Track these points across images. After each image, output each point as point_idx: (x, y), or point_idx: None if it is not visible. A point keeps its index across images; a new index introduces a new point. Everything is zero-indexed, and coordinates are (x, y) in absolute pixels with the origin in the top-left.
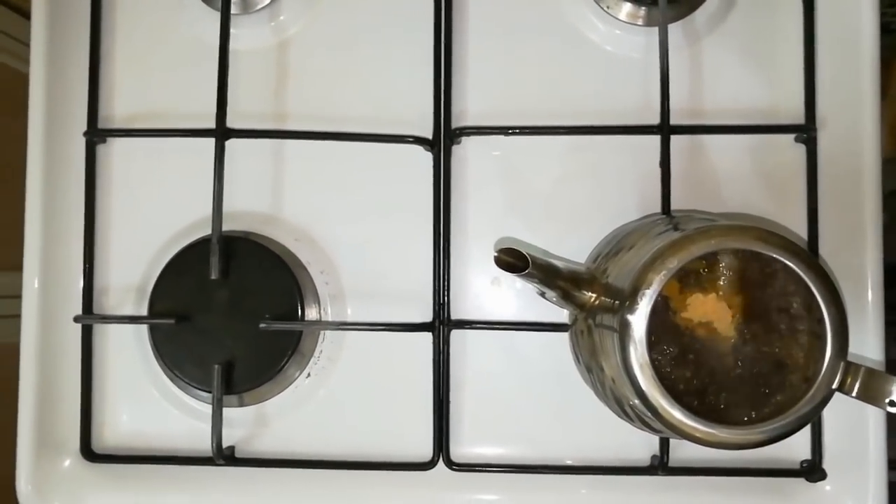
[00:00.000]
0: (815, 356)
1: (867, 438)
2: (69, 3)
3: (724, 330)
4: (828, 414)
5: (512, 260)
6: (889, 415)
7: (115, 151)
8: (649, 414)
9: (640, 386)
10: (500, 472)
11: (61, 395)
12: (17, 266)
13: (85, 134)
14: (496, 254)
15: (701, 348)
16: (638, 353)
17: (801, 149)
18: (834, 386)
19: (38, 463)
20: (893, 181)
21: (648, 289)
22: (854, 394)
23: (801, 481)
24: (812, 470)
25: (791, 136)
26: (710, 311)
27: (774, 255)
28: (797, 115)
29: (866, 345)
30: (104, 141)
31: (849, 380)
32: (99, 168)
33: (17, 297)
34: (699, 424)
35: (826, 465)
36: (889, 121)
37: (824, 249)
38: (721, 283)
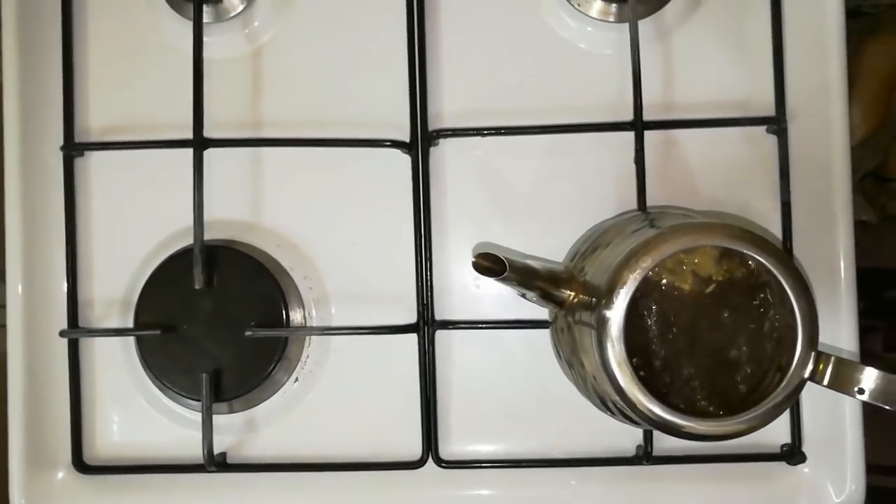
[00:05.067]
0: (788, 347)
1: (844, 421)
2: (39, 17)
3: (700, 324)
4: (806, 399)
5: (490, 264)
6: (871, 413)
7: (94, 164)
8: (628, 409)
9: (618, 382)
10: (489, 467)
11: (51, 409)
12: (3, 278)
13: (62, 149)
14: (474, 259)
15: (677, 343)
16: (615, 350)
17: (773, 140)
18: (805, 375)
19: (31, 476)
20: (868, 163)
21: (624, 287)
22: (825, 383)
23: (781, 465)
24: (792, 453)
25: (763, 128)
26: (686, 306)
27: (745, 252)
28: (768, 107)
29: (840, 335)
30: (81, 154)
31: (820, 369)
32: (77, 182)
33: (2, 307)
34: (677, 418)
35: (805, 449)
36: (863, 102)
37: (797, 239)
38: (695, 278)
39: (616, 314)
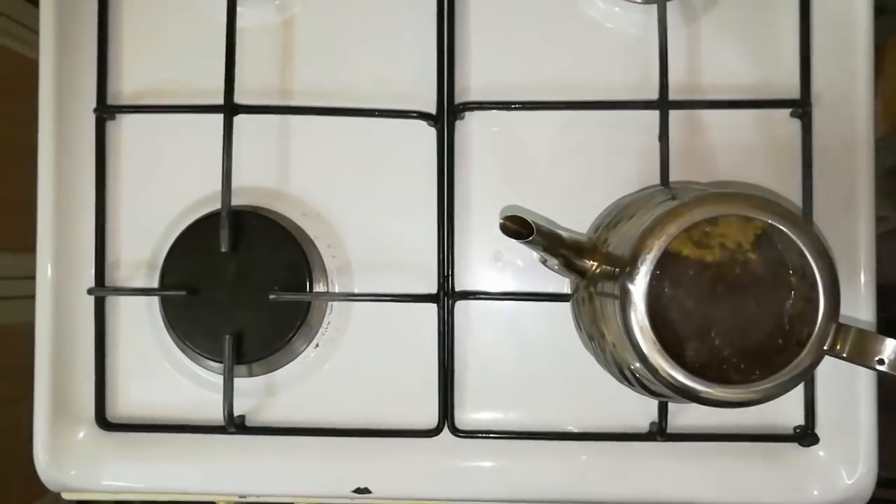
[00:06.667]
0: (808, 319)
1: (858, 405)
2: None
3: (721, 295)
4: (820, 381)
5: (517, 227)
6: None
7: (125, 127)
8: (650, 376)
9: (640, 349)
10: (504, 438)
11: (76, 368)
12: (32, 248)
13: (95, 110)
14: (502, 220)
15: (699, 312)
16: (638, 318)
17: (797, 124)
18: (825, 347)
19: (55, 433)
20: (889, 159)
21: (648, 255)
22: (845, 354)
23: (794, 446)
24: (805, 435)
25: (787, 112)
26: (708, 276)
27: (769, 221)
28: (793, 91)
29: (859, 308)
30: (113, 117)
31: (839, 340)
32: (109, 144)
33: (32, 277)
34: (697, 384)
35: (818, 431)
36: (884, 99)
37: (819, 220)
38: (718, 249)
39: (639, 281)
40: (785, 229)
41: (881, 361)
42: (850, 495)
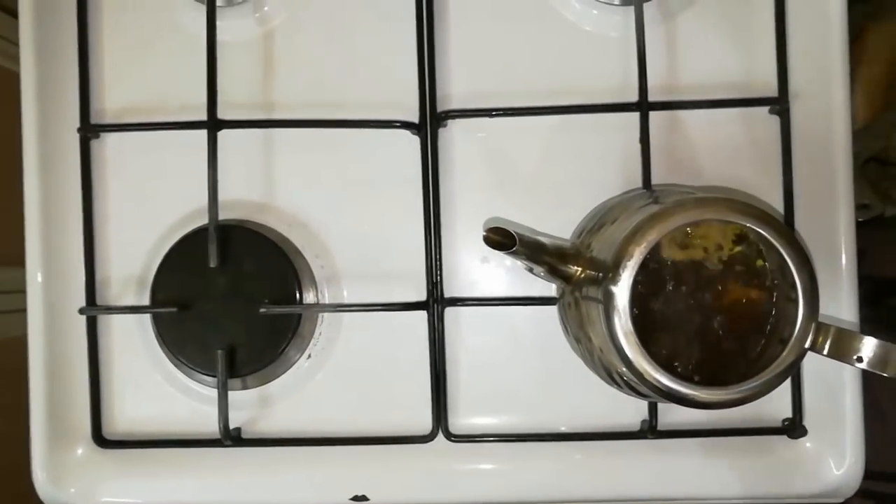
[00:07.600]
0: (789, 319)
1: (844, 396)
2: (56, 1)
3: (705, 298)
4: (807, 374)
5: (500, 238)
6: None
7: (109, 146)
8: (635, 379)
9: (625, 353)
10: (498, 441)
11: (70, 386)
12: (21, 261)
13: (78, 130)
14: (485, 233)
15: (682, 316)
16: (622, 322)
17: (776, 121)
18: (806, 345)
19: (52, 451)
20: (871, 147)
21: (630, 260)
22: (825, 352)
23: (783, 438)
24: (793, 427)
25: (765, 109)
26: (690, 280)
27: (748, 225)
28: (771, 89)
29: (842, 307)
30: (97, 136)
31: (820, 339)
32: (94, 163)
33: (23, 291)
34: (682, 387)
35: (806, 423)
36: (865, 87)
37: (800, 217)
38: (699, 252)
39: (622, 287)
40: (763, 232)
41: (860, 359)
42: (839, 485)
